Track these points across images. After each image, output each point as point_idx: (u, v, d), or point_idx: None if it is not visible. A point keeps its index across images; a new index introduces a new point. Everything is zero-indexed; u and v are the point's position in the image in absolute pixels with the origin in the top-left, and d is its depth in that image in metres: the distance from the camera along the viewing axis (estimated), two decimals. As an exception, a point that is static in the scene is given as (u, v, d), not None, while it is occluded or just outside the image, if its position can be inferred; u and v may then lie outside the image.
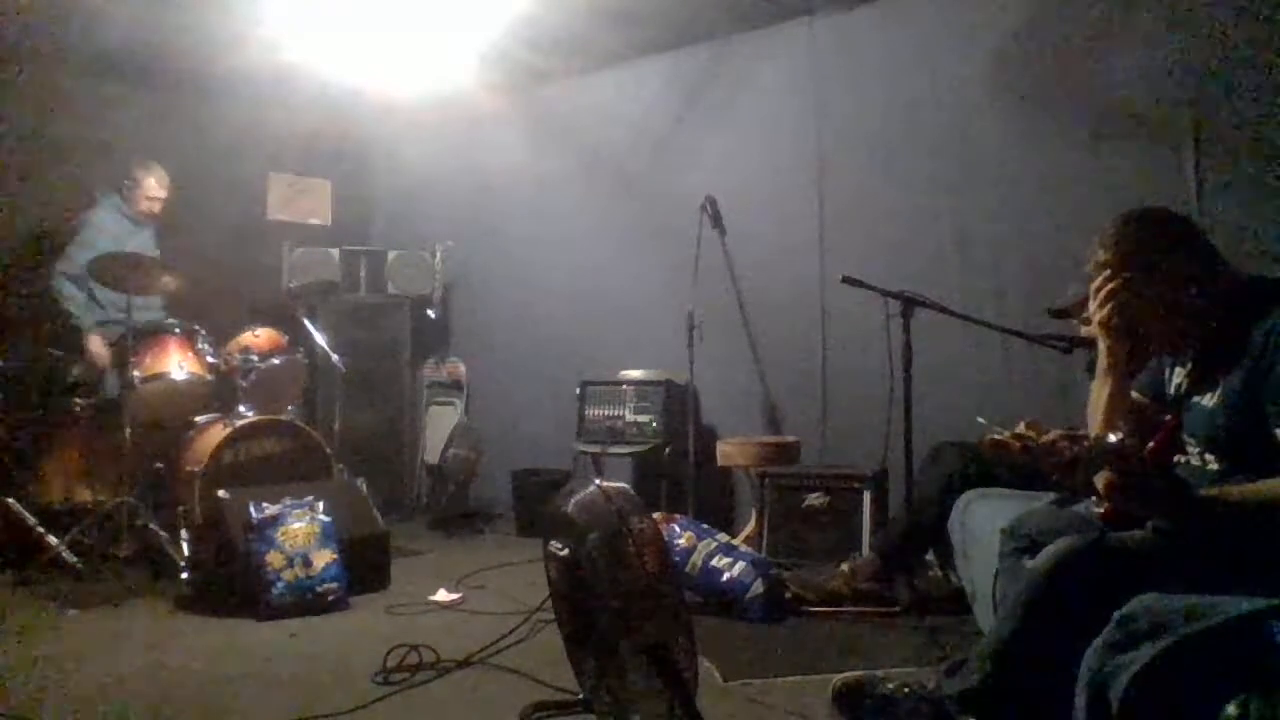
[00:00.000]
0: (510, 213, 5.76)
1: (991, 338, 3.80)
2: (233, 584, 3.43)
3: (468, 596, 3.64)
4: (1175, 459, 1.83)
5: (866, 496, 3.80)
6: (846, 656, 2.78)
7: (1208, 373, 1.90)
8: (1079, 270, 2.42)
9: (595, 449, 4.67)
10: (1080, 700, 1.51)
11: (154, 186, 4.71)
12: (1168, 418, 1.70)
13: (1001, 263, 4.03)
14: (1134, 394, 2.05)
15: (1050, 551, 1.81)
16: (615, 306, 5.28)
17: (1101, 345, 1.99)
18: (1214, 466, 1.86)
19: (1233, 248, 3.11)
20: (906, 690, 2.06)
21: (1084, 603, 1.66)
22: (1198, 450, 1.89)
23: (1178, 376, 2.00)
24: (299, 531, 3.46)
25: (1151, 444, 1.68)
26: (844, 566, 3.41)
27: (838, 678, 2.17)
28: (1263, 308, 1.82)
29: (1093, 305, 1.98)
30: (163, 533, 3.95)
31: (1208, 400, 1.87)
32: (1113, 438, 1.64)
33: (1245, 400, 1.78)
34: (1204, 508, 1.71)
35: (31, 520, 3.92)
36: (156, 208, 4.75)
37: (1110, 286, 1.92)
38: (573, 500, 2.13)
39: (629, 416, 4.74)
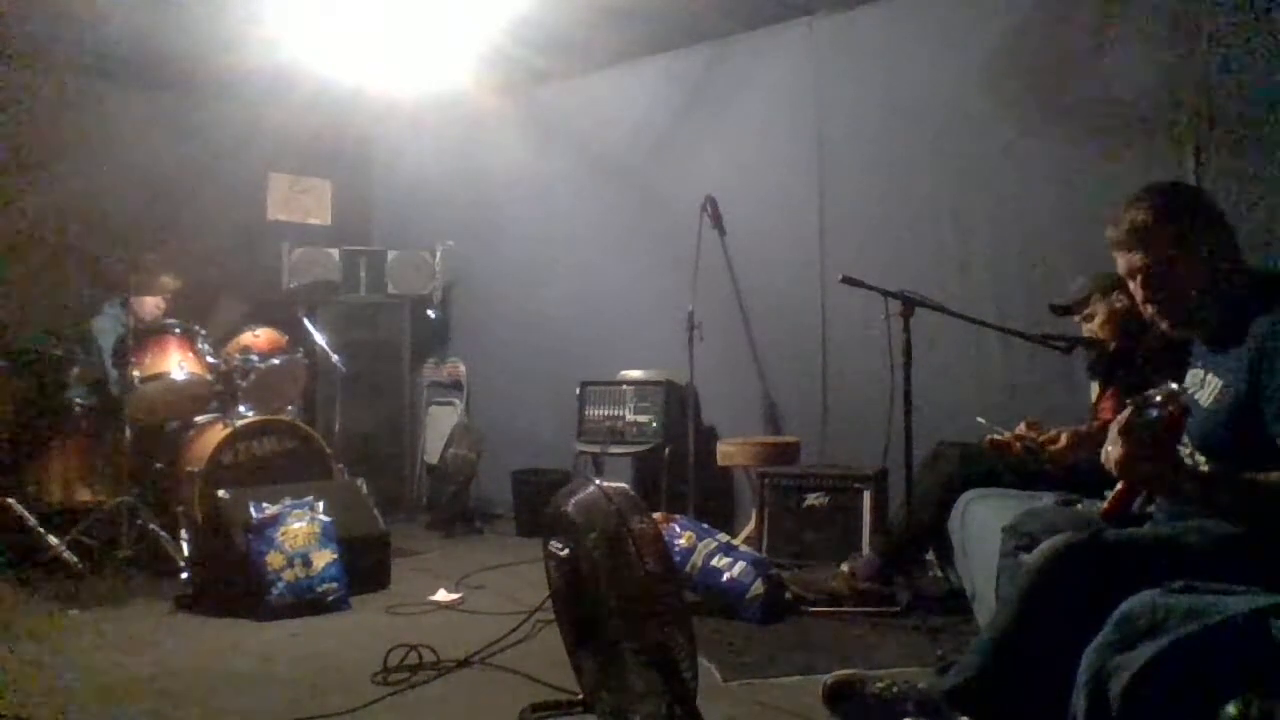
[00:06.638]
0: (510, 213, 5.76)
1: (991, 338, 3.81)
2: (233, 584, 3.43)
3: (468, 596, 3.64)
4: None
5: (866, 496, 3.81)
6: (846, 656, 2.78)
7: (1207, 368, 1.90)
8: (1079, 268, 2.42)
9: (595, 449, 4.66)
10: (1080, 699, 1.50)
11: (151, 306, 4.58)
12: (1171, 408, 1.66)
13: (1001, 263, 4.02)
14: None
15: (1047, 546, 1.79)
16: (615, 306, 5.27)
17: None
18: (1205, 468, 1.84)
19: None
20: (896, 689, 2.06)
21: (1080, 597, 1.65)
22: (1188, 450, 1.86)
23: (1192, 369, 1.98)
24: (299, 531, 3.46)
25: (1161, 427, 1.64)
26: (844, 566, 3.41)
27: (828, 676, 2.17)
28: (1261, 303, 1.79)
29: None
30: (163, 533, 3.96)
31: (1204, 399, 1.86)
32: (1158, 395, 1.61)
33: (1240, 403, 1.76)
34: (1206, 486, 1.70)
35: (31, 520, 3.91)
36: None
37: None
38: (573, 500, 2.13)
39: (629, 416, 4.73)
